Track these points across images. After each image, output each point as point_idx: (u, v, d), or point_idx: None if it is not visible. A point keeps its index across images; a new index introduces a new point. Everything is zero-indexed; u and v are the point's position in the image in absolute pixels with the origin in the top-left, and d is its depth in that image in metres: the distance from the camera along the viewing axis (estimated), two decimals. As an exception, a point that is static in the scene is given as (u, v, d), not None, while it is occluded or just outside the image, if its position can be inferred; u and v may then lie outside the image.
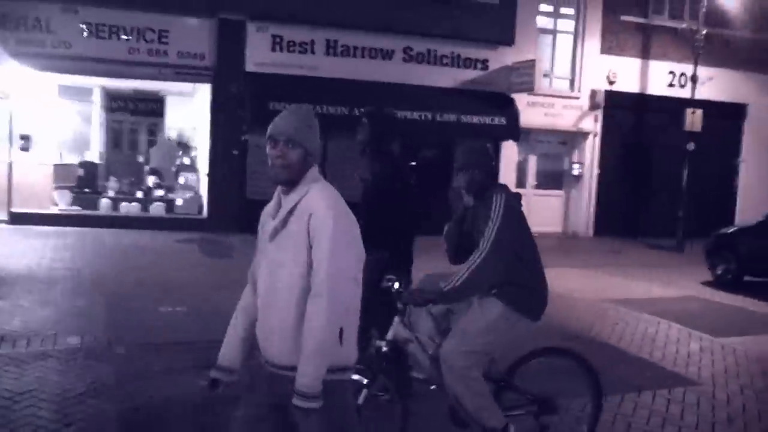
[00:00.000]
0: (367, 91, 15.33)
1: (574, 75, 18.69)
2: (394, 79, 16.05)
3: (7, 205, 14.25)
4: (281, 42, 15.43)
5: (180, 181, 16.02)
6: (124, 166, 16.21)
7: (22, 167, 14.54)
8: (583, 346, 7.52)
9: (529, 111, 17.49)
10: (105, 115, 16.56)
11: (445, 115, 16.26)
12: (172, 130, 17.12)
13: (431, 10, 16.11)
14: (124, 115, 16.59)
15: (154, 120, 16.60)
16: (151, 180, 16.04)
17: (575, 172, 18.93)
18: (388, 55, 16.49)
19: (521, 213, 4.17)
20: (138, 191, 15.75)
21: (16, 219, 14.20)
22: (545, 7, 18.42)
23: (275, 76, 15.13)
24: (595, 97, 18.57)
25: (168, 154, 16.58)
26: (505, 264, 3.98)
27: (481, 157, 4.19)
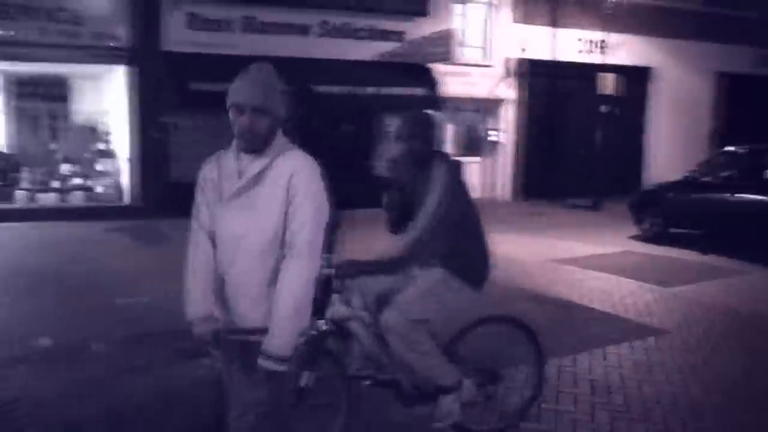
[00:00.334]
0: (287, 68, 14.84)
1: (487, 44, 18.97)
2: (312, 54, 15.86)
3: None
4: (198, 20, 14.96)
5: (98, 168, 15.33)
6: (36, 156, 15.33)
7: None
8: (550, 307, 7.83)
9: (445, 80, 17.63)
10: (11, 102, 15.59)
11: (365, 89, 16.23)
12: (83, 114, 16.30)
13: (346, -17, 16.00)
14: (33, 102, 15.64)
15: (64, 105, 15.72)
16: (65, 168, 15.28)
17: (493, 139, 19.29)
18: (305, 30, 16.27)
19: (462, 182, 4.10)
20: (53, 181, 14.99)
21: None
22: (457, -23, 18.54)
23: (193, 55, 14.65)
24: (509, 65, 18.95)
25: (81, 141, 15.78)
26: (444, 234, 3.93)
27: (420, 127, 4.03)
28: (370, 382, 4.13)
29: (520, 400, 4.75)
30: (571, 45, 19.64)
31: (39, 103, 15.66)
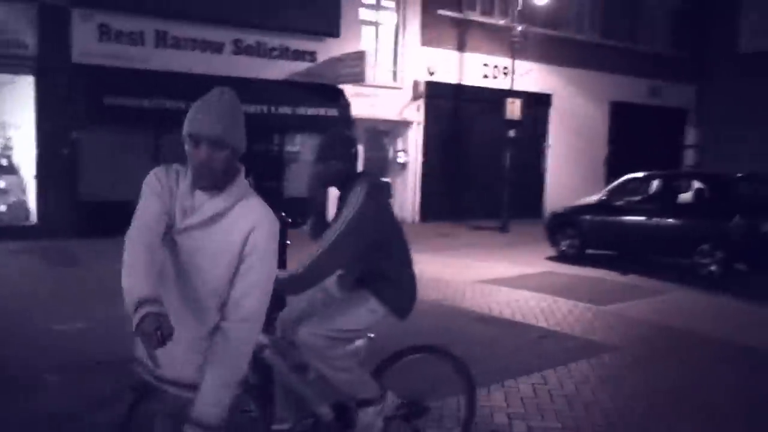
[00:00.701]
0: (199, 85, 14.67)
1: (396, 66, 19.21)
2: (225, 72, 15.49)
3: None
4: (109, 32, 14.36)
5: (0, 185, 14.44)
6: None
7: None
8: (498, 327, 7.94)
9: (354, 102, 17.71)
10: None
11: (278, 108, 16.12)
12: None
13: (260, 2, 15.80)
14: None
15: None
16: (-40, 187, 14.28)
17: (400, 160, 19.49)
18: (218, 48, 15.95)
19: (385, 204, 3.96)
20: (-52, 200, 13.98)
21: None
22: (368, 0, 18.71)
23: (105, 68, 14.09)
24: (417, 87, 19.26)
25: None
26: (361, 255, 3.83)
27: (339, 147, 3.88)
28: None
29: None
30: (476, 69, 20.19)
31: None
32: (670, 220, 11.78)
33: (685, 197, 12.05)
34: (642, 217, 12.14)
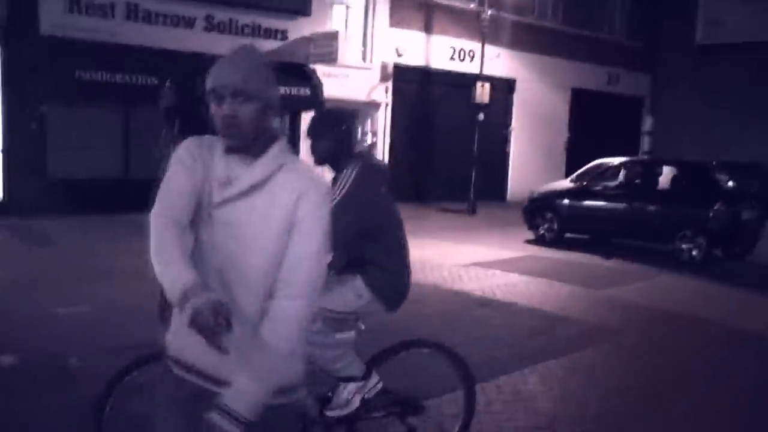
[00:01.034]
0: (170, 61, 14.51)
1: (365, 47, 19.05)
2: (196, 49, 15.12)
3: None
4: (78, 3, 13.85)
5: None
6: None
7: None
8: (508, 312, 7.96)
9: (324, 82, 17.51)
10: None
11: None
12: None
13: (231, -23, 15.52)
14: None
15: None
16: None
17: (368, 142, 19.38)
18: (189, 23, 15.56)
19: (376, 190, 3.77)
20: None
21: None
22: (338, -21, 18.48)
23: (74, 41, 13.57)
24: (386, 69, 19.14)
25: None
26: (340, 241, 3.49)
27: (327, 125, 3.73)
28: None
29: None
30: (443, 52, 20.19)
31: None
32: (651, 206, 12.02)
33: (665, 183, 12.28)
34: (622, 203, 12.35)
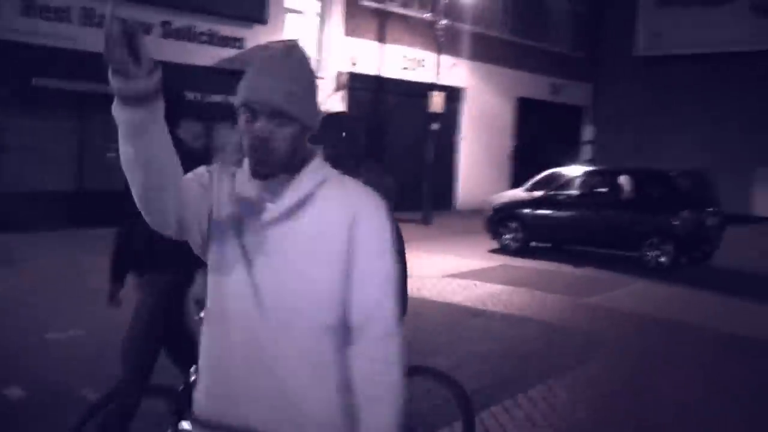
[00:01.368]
0: None
1: (320, 56, 19.01)
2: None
3: None
4: (33, 6, 13.41)
5: None
6: None
7: None
8: (506, 324, 8.06)
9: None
10: None
11: (209, 96, 15.59)
12: None
13: (188, -17, 15.32)
14: None
15: None
16: None
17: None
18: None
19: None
20: None
21: None
22: (293, -13, 18.41)
23: (29, 46, 13.13)
24: (340, 78, 19.13)
25: None
26: None
27: (328, 131, 3.38)
28: None
29: None
30: (396, 61, 20.32)
31: None
32: (617, 214, 12.36)
33: (630, 192, 12.63)
34: (588, 211, 12.66)
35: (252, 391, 1.78)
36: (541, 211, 13.44)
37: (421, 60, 20.56)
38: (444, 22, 18.81)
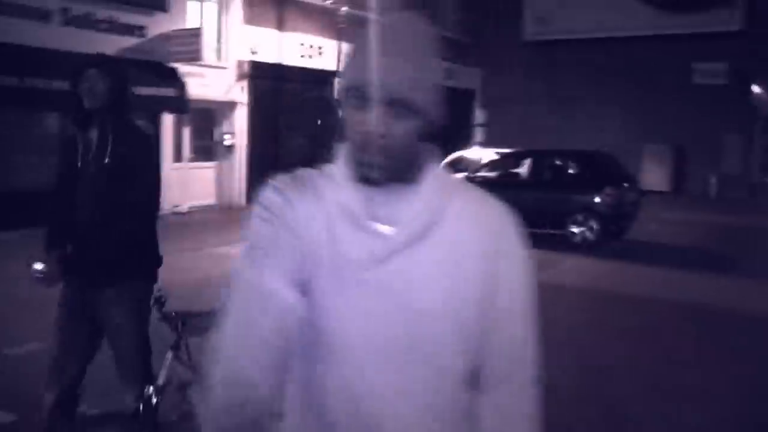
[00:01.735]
0: (28, 58, 13.44)
1: (220, 45, 18.55)
2: (53, 45, 14.07)
3: None
4: None
5: None
6: None
7: None
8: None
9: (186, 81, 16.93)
10: None
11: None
12: None
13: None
14: None
15: None
16: None
17: (227, 143, 18.91)
18: (45, 16, 14.37)
19: None
20: None
21: None
22: (191, -26, 17.84)
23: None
24: (242, 67, 18.76)
25: None
26: None
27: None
28: None
29: None
30: (296, 49, 20.13)
31: None
32: (542, 194, 12.83)
33: (552, 172, 13.12)
34: (516, 191, 13.01)
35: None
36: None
37: (320, 47, 20.43)
38: (345, 9, 18.78)
